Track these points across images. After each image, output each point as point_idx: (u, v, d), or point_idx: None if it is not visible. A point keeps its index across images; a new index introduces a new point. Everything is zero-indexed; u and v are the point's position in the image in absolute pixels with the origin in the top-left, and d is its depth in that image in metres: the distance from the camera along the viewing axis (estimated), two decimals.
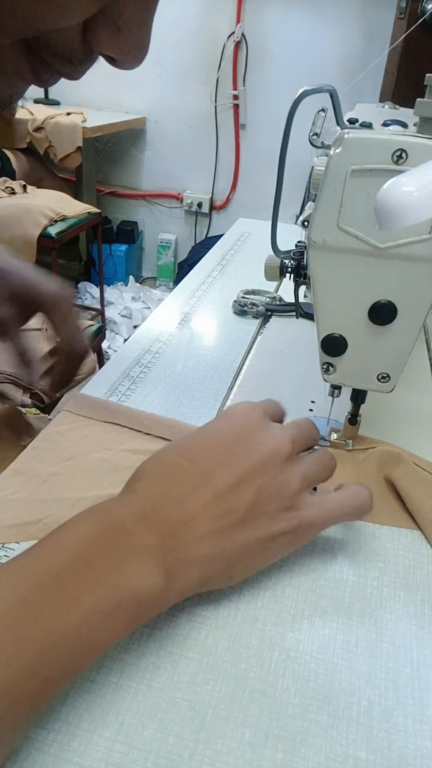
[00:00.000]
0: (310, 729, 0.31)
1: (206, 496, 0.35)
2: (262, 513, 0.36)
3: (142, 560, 0.32)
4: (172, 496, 0.35)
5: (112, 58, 0.33)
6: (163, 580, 0.32)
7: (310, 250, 0.42)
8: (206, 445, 0.38)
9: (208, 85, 2.62)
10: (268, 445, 0.38)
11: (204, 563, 0.34)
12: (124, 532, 0.32)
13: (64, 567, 0.30)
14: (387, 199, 0.25)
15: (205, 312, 0.80)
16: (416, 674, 0.35)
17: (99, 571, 0.30)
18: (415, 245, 0.39)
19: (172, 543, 0.33)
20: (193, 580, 0.34)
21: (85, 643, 0.29)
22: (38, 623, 0.28)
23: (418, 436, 0.55)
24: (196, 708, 0.32)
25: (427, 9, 1.69)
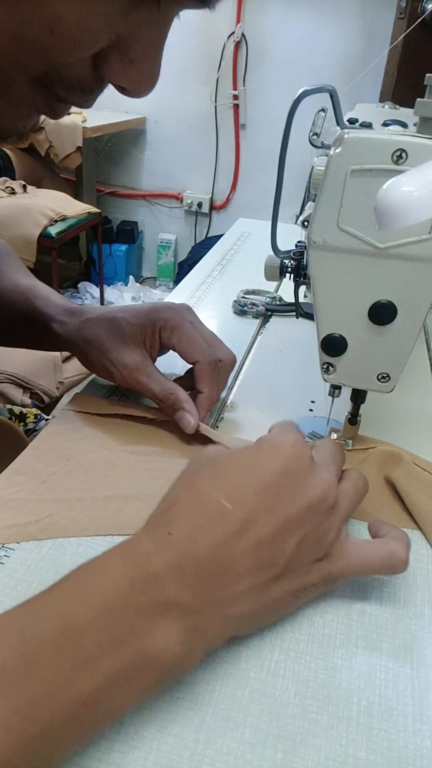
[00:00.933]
0: (310, 729, 0.31)
1: (248, 544, 0.31)
2: (299, 565, 0.34)
3: (173, 621, 0.29)
4: (212, 542, 0.31)
5: (123, 88, 0.33)
6: (191, 643, 0.29)
7: (310, 250, 0.42)
8: (254, 487, 0.33)
9: (208, 85, 2.62)
10: (316, 491, 0.34)
11: (238, 622, 0.32)
12: (158, 585, 0.29)
13: (87, 626, 0.27)
14: (387, 199, 0.25)
15: (205, 312, 0.80)
16: (416, 674, 0.35)
17: (123, 631, 0.28)
18: (415, 245, 0.39)
19: (207, 601, 0.30)
20: (223, 638, 0.32)
21: (96, 712, 0.27)
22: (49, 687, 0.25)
23: (418, 436, 0.55)
24: (196, 708, 0.32)
25: (427, 9, 1.69)
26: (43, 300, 0.57)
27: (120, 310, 0.54)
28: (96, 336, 0.52)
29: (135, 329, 0.52)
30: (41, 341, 0.58)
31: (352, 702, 0.33)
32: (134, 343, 0.52)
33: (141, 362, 0.51)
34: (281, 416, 0.56)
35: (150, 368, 0.52)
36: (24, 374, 0.83)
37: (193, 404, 0.51)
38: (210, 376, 0.52)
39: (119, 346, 0.52)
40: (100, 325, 0.53)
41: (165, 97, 2.70)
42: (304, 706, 0.32)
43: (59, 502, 0.44)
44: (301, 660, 0.35)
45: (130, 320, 0.52)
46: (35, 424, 0.77)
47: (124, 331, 0.52)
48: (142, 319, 0.52)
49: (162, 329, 0.52)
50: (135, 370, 0.51)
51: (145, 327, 0.52)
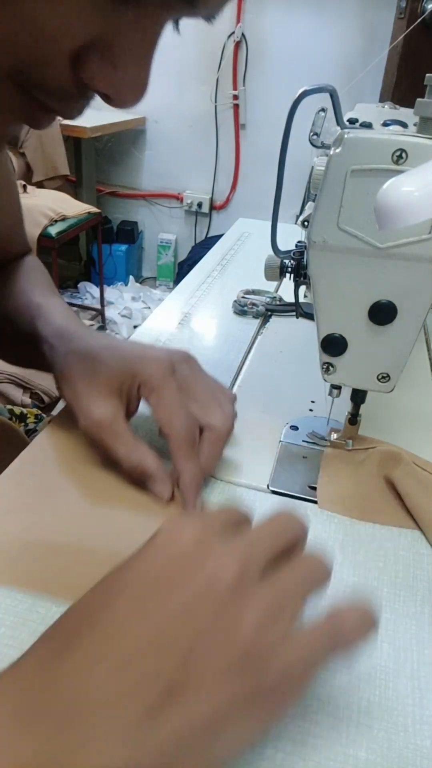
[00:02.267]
0: (310, 729, 0.31)
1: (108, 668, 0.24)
2: (199, 677, 0.24)
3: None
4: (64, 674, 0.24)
5: (107, 96, 0.31)
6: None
7: (310, 250, 0.42)
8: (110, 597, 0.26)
9: (208, 85, 2.62)
10: (200, 577, 0.27)
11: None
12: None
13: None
14: (387, 199, 0.25)
15: (205, 312, 0.80)
16: (416, 674, 0.35)
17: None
18: (415, 245, 0.39)
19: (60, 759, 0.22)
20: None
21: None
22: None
23: (418, 436, 0.55)
24: None
25: (427, 9, 1.69)
26: (44, 319, 0.53)
27: (106, 347, 0.47)
28: (71, 374, 0.46)
29: (112, 376, 0.45)
30: (38, 362, 0.54)
31: (352, 702, 0.33)
32: (108, 392, 0.45)
33: (110, 417, 0.44)
34: (281, 416, 0.56)
35: (119, 426, 0.44)
36: (24, 374, 0.83)
37: (165, 472, 0.44)
38: (182, 451, 0.44)
39: (91, 393, 0.45)
40: (79, 363, 0.46)
41: (165, 97, 2.70)
42: (304, 706, 0.32)
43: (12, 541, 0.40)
44: None
45: (111, 364, 0.46)
46: (35, 424, 0.77)
47: (100, 376, 0.45)
48: (122, 368, 0.46)
49: (141, 386, 0.45)
50: (100, 426, 0.44)
51: (123, 377, 0.45)
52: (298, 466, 0.51)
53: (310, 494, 0.48)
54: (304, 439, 0.54)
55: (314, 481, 0.49)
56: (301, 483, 0.49)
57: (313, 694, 0.33)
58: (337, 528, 0.45)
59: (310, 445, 0.53)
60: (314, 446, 0.53)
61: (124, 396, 0.45)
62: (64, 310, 0.55)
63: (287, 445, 0.53)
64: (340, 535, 0.44)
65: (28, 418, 0.78)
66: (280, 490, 0.48)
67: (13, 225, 0.65)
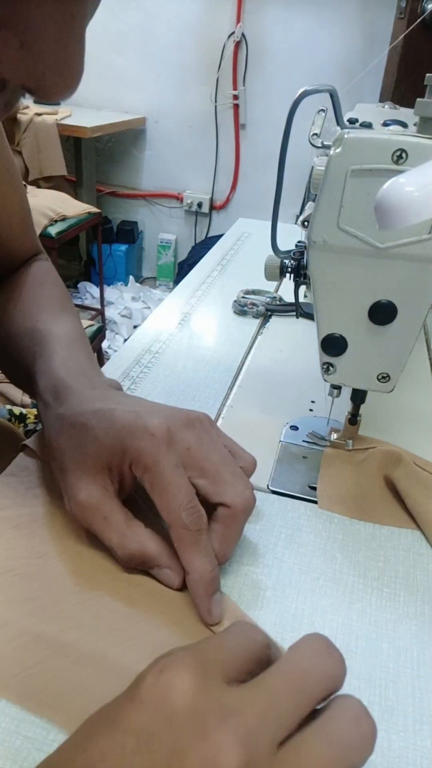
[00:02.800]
0: None
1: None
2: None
3: None
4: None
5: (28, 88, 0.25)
6: None
7: (310, 250, 0.42)
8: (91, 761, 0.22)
9: (208, 85, 2.62)
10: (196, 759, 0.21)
11: None
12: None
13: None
14: (387, 198, 0.25)
15: (205, 312, 0.80)
16: (416, 674, 0.35)
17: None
18: (415, 245, 0.39)
19: None
20: None
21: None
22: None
23: (418, 436, 0.55)
24: None
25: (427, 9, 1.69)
26: (43, 363, 0.46)
27: (97, 413, 0.39)
28: (59, 445, 0.39)
29: (101, 451, 0.37)
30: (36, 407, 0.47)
31: None
32: (95, 470, 0.38)
33: (97, 499, 0.37)
34: (281, 416, 0.57)
35: (108, 507, 0.37)
36: None
37: (171, 554, 0.37)
38: (184, 543, 0.36)
39: (78, 469, 0.38)
40: (67, 433, 0.39)
41: (165, 97, 2.70)
42: None
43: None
44: None
45: (100, 436, 0.37)
46: (35, 424, 0.77)
47: (87, 451, 0.38)
48: (111, 441, 0.37)
49: (133, 464, 0.37)
50: (87, 509, 0.37)
51: (112, 453, 0.37)
52: (298, 466, 0.51)
53: (310, 494, 0.48)
54: (304, 439, 0.54)
55: (314, 481, 0.49)
56: (301, 483, 0.49)
57: None
58: (337, 528, 0.45)
59: (310, 445, 0.53)
60: (314, 446, 0.53)
61: (114, 473, 0.38)
62: (68, 345, 0.48)
63: (287, 445, 0.53)
64: (340, 535, 0.44)
65: (27, 418, 0.78)
66: (280, 490, 0.48)
67: (19, 224, 0.61)
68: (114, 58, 2.65)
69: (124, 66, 2.67)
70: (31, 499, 0.43)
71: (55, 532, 0.41)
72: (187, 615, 0.36)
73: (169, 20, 2.54)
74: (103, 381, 0.45)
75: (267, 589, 0.39)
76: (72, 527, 0.41)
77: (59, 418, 0.40)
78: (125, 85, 2.71)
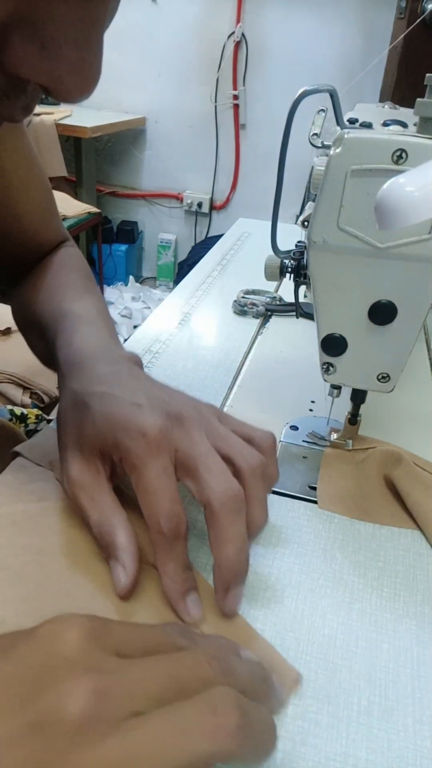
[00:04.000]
0: (310, 729, 0.31)
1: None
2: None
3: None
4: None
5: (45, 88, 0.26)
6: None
7: (310, 250, 0.42)
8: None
9: (208, 85, 2.62)
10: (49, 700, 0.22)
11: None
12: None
13: None
14: (387, 198, 0.25)
15: (205, 312, 0.80)
16: (416, 674, 0.35)
17: None
18: (415, 245, 0.39)
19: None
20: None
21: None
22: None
23: (418, 436, 0.55)
24: None
25: (427, 9, 1.69)
26: (64, 338, 0.47)
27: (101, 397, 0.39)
28: (64, 420, 0.41)
29: (95, 436, 0.38)
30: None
31: (352, 702, 0.33)
32: (90, 451, 0.38)
33: (88, 479, 0.38)
34: (281, 416, 0.57)
35: (96, 489, 0.38)
36: (24, 374, 0.83)
37: (134, 553, 0.36)
38: (160, 549, 0.35)
39: (75, 447, 0.39)
40: (73, 410, 0.40)
41: (165, 97, 2.70)
42: (304, 706, 0.32)
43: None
44: (301, 660, 0.35)
45: (97, 422, 0.38)
46: (36, 424, 0.77)
47: (85, 431, 0.39)
48: (106, 432, 0.37)
49: (123, 460, 0.37)
50: (76, 486, 0.38)
51: (105, 441, 0.38)
52: (298, 466, 0.51)
53: (310, 494, 0.48)
54: (304, 439, 0.54)
55: (314, 481, 0.49)
56: (301, 483, 0.49)
57: (313, 694, 0.33)
58: (337, 528, 0.45)
59: (310, 445, 0.53)
60: (314, 446, 0.53)
61: (107, 459, 0.38)
62: (92, 320, 0.49)
63: (287, 445, 0.53)
64: (340, 535, 0.44)
65: (28, 418, 0.78)
66: (280, 490, 0.48)
67: (45, 215, 0.62)
68: (114, 58, 2.65)
69: (124, 66, 2.67)
70: (27, 495, 0.43)
71: (52, 529, 0.41)
72: None
73: (169, 20, 2.54)
74: (123, 355, 0.45)
75: (267, 589, 0.39)
76: (69, 523, 0.41)
77: (70, 393, 0.41)
78: (125, 85, 2.71)
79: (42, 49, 0.24)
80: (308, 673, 0.34)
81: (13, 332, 0.92)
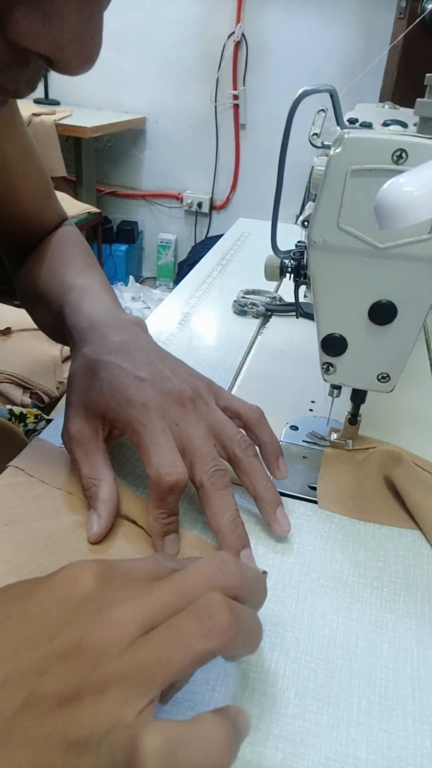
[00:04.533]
0: (310, 729, 0.31)
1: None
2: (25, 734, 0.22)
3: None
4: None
5: (48, 60, 0.26)
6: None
7: (310, 250, 0.42)
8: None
9: (208, 85, 2.62)
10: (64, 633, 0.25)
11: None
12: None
13: None
14: (387, 198, 0.25)
15: (205, 312, 0.80)
16: (416, 674, 0.35)
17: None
18: (415, 245, 0.39)
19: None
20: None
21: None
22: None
23: (418, 436, 0.55)
24: (196, 708, 0.32)
25: (427, 9, 1.69)
26: (72, 306, 0.51)
27: (107, 365, 0.43)
28: (74, 382, 0.45)
29: (99, 401, 0.42)
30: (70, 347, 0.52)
31: (352, 702, 0.33)
32: (92, 413, 0.43)
33: (86, 437, 0.43)
34: (281, 416, 0.57)
35: (92, 446, 0.43)
36: (24, 374, 0.83)
37: (112, 508, 0.41)
38: (153, 499, 0.39)
39: (78, 406, 0.43)
40: (82, 374, 0.44)
41: (165, 97, 2.70)
42: (304, 706, 0.32)
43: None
44: (301, 660, 0.35)
45: (104, 388, 0.42)
46: (35, 424, 0.77)
47: (91, 395, 0.43)
48: (110, 398, 0.42)
49: (124, 427, 0.41)
50: (74, 441, 0.43)
51: (108, 408, 0.42)
52: (298, 466, 0.51)
53: (310, 494, 0.48)
54: (304, 439, 0.54)
55: (314, 481, 0.49)
56: (301, 483, 0.49)
57: (313, 694, 0.33)
58: (337, 528, 0.45)
59: (310, 445, 0.53)
60: (314, 446, 0.53)
61: (107, 422, 0.43)
62: (96, 290, 0.53)
63: (287, 445, 0.53)
64: (340, 535, 0.44)
65: (27, 418, 0.78)
66: (280, 490, 0.48)
67: (42, 197, 0.65)
68: (114, 58, 2.65)
69: (124, 66, 2.67)
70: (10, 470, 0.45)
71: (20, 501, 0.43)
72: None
73: (169, 20, 2.54)
74: (130, 320, 0.50)
75: (267, 589, 0.39)
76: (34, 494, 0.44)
77: (81, 357, 0.45)
78: (125, 85, 2.71)
79: (45, 18, 0.24)
80: (308, 673, 0.34)
81: (13, 332, 0.92)
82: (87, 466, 0.42)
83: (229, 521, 0.40)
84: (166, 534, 0.40)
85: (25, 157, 0.61)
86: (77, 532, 0.41)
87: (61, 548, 0.40)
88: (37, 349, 0.89)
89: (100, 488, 0.41)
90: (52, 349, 0.90)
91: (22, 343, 0.91)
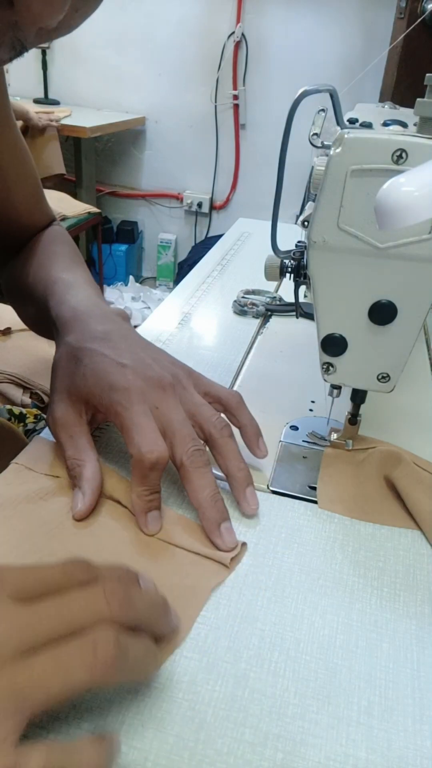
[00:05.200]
0: (310, 729, 0.31)
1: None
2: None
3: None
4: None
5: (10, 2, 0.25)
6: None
7: (310, 250, 0.42)
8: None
9: (208, 85, 2.62)
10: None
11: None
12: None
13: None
14: (387, 199, 0.25)
15: (205, 312, 0.80)
16: (416, 674, 0.35)
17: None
18: (415, 245, 0.39)
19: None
20: None
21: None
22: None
23: (418, 436, 0.55)
24: (196, 708, 0.32)
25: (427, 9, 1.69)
26: (57, 298, 0.52)
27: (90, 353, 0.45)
28: (57, 368, 0.47)
29: (83, 387, 0.44)
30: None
31: (352, 702, 0.33)
32: (76, 398, 0.45)
33: (70, 421, 0.45)
34: (281, 416, 0.57)
35: (77, 429, 0.44)
36: (24, 374, 0.83)
37: (95, 487, 0.42)
38: (135, 476, 0.41)
39: (63, 392, 0.45)
40: (65, 359, 0.46)
41: (165, 97, 2.70)
42: (304, 706, 0.32)
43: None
44: (301, 660, 0.35)
45: (87, 374, 0.44)
46: (35, 424, 0.77)
47: (75, 381, 0.44)
48: (93, 384, 0.43)
49: (107, 412, 0.43)
50: (59, 425, 0.45)
51: (92, 393, 0.43)
52: (298, 466, 0.51)
53: (310, 494, 0.48)
54: (304, 439, 0.54)
55: (314, 481, 0.49)
56: (301, 483, 0.49)
57: (313, 694, 0.33)
58: (337, 528, 0.45)
59: (310, 445, 0.53)
60: (314, 446, 0.53)
61: (90, 407, 0.45)
62: (81, 285, 0.54)
63: (287, 445, 0.53)
64: (340, 535, 0.44)
65: (27, 418, 0.77)
66: (280, 490, 0.48)
67: (32, 196, 0.66)
68: (114, 58, 2.65)
69: (124, 66, 2.67)
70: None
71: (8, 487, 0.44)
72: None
73: (169, 20, 2.54)
74: (113, 311, 0.51)
75: (267, 589, 0.39)
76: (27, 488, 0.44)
77: (65, 345, 0.47)
78: (125, 85, 2.71)
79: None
80: (308, 673, 0.34)
81: (14, 332, 0.92)
82: (71, 448, 0.44)
83: (208, 497, 0.42)
84: (149, 511, 0.41)
85: (18, 159, 0.62)
86: (66, 513, 0.42)
87: (53, 528, 0.41)
88: (37, 349, 0.89)
89: (84, 468, 0.43)
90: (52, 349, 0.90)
91: (22, 343, 0.91)
